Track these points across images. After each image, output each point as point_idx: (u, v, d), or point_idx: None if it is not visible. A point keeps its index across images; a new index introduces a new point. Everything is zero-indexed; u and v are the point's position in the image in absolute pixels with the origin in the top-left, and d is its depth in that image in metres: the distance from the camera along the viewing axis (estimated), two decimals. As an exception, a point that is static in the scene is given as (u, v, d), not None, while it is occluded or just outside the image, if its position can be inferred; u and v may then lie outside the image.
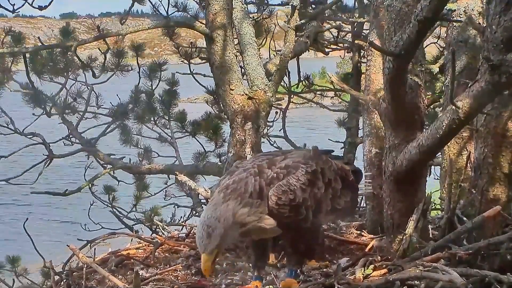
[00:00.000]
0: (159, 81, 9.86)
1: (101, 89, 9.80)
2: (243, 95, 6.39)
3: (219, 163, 9.24)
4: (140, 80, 9.78)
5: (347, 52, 10.67)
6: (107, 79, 9.37)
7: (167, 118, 9.92)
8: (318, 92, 10.72)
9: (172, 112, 9.96)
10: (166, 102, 9.93)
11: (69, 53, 9.46)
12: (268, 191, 3.84)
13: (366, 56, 5.67)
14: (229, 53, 6.38)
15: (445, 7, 4.15)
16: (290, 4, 6.76)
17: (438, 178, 7.15)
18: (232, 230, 3.79)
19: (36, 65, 9.24)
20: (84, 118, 9.72)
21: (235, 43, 6.66)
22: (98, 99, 9.88)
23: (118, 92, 10.14)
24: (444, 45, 9.62)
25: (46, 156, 9.58)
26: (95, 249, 5.21)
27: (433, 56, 9.47)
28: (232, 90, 6.38)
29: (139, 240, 5.47)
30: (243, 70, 6.79)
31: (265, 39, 9.66)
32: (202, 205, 9.28)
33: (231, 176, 3.95)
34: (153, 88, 9.87)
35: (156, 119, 9.97)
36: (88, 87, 9.73)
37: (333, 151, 4.50)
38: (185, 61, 9.47)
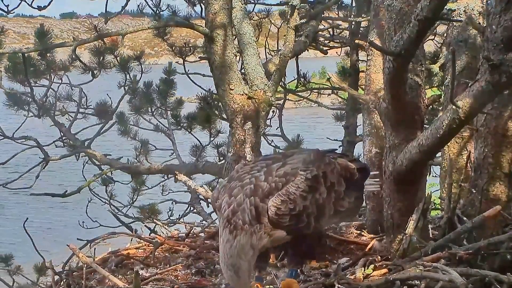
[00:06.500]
0: (141, 74, 9.83)
1: (84, 89, 9.83)
2: (242, 95, 6.38)
3: (219, 163, 9.25)
4: (126, 78, 9.78)
5: (343, 48, 10.69)
6: (92, 79, 9.36)
7: (164, 109, 9.92)
8: (315, 90, 10.73)
9: (169, 102, 9.96)
10: (163, 92, 9.92)
11: (48, 54, 9.48)
12: (265, 206, 3.81)
13: (366, 56, 5.67)
14: (229, 53, 6.37)
15: (445, 7, 4.14)
16: (289, 3, 6.75)
17: (437, 175, 7.15)
18: (254, 257, 3.83)
19: (16, 69, 9.24)
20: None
21: (235, 43, 6.66)
22: (86, 99, 9.90)
23: (100, 92, 10.16)
24: (442, 42, 9.67)
25: (42, 159, 9.58)
26: (95, 248, 5.21)
27: (430, 53, 9.48)
28: (232, 90, 6.37)
29: (139, 239, 5.47)
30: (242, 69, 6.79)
31: (257, 37, 9.67)
32: (200, 201, 9.30)
33: (230, 199, 3.88)
34: (137, 81, 9.86)
35: (153, 109, 9.96)
36: (73, 88, 9.75)
37: (336, 149, 4.47)
38: (179, 62, 9.46)
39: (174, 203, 9.91)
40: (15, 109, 9.63)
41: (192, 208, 9.58)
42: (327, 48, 10.30)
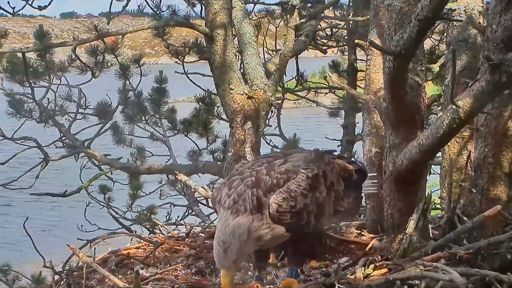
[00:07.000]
0: (140, 77, 9.83)
1: (83, 90, 9.82)
2: (242, 94, 6.38)
3: (219, 163, 9.24)
4: (127, 80, 9.77)
5: (341, 47, 10.69)
6: (91, 78, 9.34)
7: (158, 117, 9.92)
8: (313, 90, 10.71)
9: (163, 110, 9.96)
10: (156, 100, 9.92)
11: (47, 55, 9.49)
12: (267, 200, 3.80)
13: (365, 55, 5.66)
14: (229, 52, 6.37)
15: (446, 7, 4.14)
16: (289, 3, 6.75)
17: (436, 173, 7.12)
18: (248, 244, 3.79)
19: (15, 69, 9.22)
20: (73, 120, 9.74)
21: (235, 42, 6.66)
22: (85, 100, 9.89)
23: (99, 92, 10.15)
24: (439, 39, 9.67)
25: (42, 159, 9.57)
26: (95, 248, 5.21)
27: (427, 50, 9.47)
28: (232, 89, 6.37)
29: (139, 239, 5.47)
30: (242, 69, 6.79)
31: (256, 37, 9.66)
32: (199, 203, 9.30)
33: (230, 190, 3.89)
34: (136, 85, 9.85)
35: (147, 118, 9.96)
36: (71, 89, 9.75)
37: (335, 150, 4.47)
38: (179, 62, 9.44)
39: (172, 206, 9.90)
40: (18, 117, 9.63)
41: (190, 211, 9.57)
42: (325, 47, 10.29)
